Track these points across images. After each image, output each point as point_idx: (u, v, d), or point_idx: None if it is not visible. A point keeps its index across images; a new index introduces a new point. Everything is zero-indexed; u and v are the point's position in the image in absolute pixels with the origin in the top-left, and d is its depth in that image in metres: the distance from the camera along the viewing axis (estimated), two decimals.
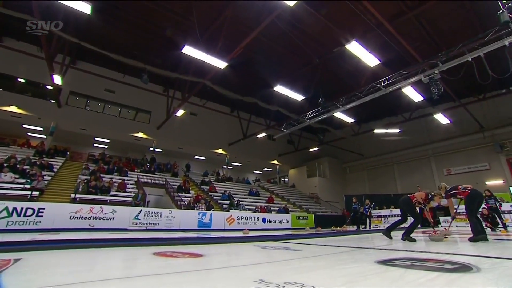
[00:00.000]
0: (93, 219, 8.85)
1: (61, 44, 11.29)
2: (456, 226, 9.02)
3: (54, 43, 10.76)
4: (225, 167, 23.71)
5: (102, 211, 9.04)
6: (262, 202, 18.15)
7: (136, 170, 16.25)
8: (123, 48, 13.11)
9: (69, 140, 17.90)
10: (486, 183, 16.44)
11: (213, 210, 13.50)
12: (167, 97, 17.23)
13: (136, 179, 14.56)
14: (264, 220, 14.45)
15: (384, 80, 10.14)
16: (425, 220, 6.06)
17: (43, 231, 7.37)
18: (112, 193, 11.50)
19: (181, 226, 11.09)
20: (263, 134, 19.95)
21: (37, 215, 7.99)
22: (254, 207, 16.13)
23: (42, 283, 1.57)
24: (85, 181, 11.19)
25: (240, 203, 15.91)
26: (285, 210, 16.87)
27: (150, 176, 15.75)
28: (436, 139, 19.20)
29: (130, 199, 11.50)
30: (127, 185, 13.02)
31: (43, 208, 8.19)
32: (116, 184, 12.36)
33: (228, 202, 15.85)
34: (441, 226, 11.22)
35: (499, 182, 16.08)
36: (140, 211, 10.17)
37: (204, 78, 12.59)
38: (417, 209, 5.39)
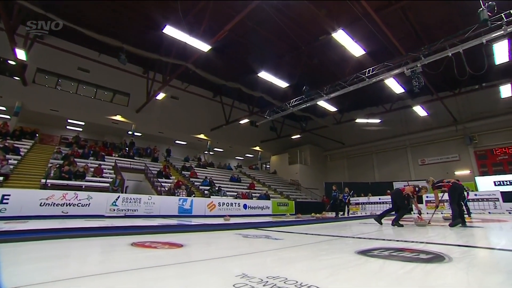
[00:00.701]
0: (66, 205, 8.45)
1: (24, 15, 10.16)
2: (442, 213, 9.72)
3: (16, 13, 9.69)
4: (206, 152, 23.47)
5: (76, 197, 8.64)
6: (243, 188, 18.27)
7: (113, 155, 15.65)
8: (98, 24, 12.21)
9: (38, 122, 16.68)
10: (455, 173, 17.57)
11: (194, 196, 13.40)
12: (147, 79, 16.45)
13: (113, 164, 14.03)
14: (245, 206, 14.60)
15: (368, 70, 10.25)
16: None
17: (9, 219, 6.88)
18: (87, 178, 11.02)
19: (161, 213, 10.93)
20: (246, 120, 19.82)
21: (1, 202, 7.45)
22: (236, 193, 16.21)
23: (5, 284, 1.40)
24: (58, 165, 10.58)
25: (222, 189, 15.91)
26: (266, 197, 17.12)
27: (129, 161, 15.24)
28: (413, 131, 20.04)
29: (107, 184, 11.09)
30: (104, 170, 12.54)
31: (9, 195, 7.65)
32: (92, 169, 11.84)
33: (209, 188, 15.79)
34: (414, 213, 11.99)
35: (466, 172, 17.24)
36: (118, 197, 9.87)
37: (186, 61, 12.09)
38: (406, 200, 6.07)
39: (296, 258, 2.26)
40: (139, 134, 19.58)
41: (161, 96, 15.58)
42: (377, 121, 18.65)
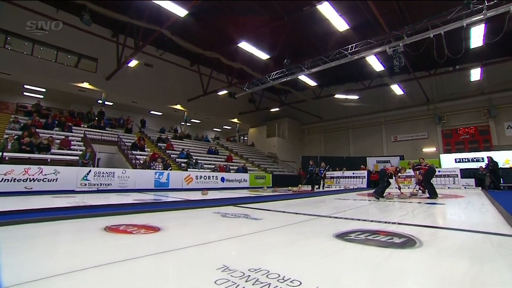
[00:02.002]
0: (30, 181, 7.87)
1: None
2: (408, 187, 10.60)
3: None
4: (183, 123, 22.82)
5: (41, 172, 8.06)
6: (221, 161, 18.28)
7: (82, 125, 14.65)
8: None
9: None
10: (423, 150, 18.81)
11: (171, 169, 13.18)
12: (117, 44, 15.00)
13: (82, 135, 13.17)
14: (223, 179, 14.69)
15: (351, 47, 10.09)
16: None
17: None
18: (53, 151, 10.27)
19: (136, 186, 10.68)
20: (224, 92, 19.24)
21: None
22: (213, 166, 16.18)
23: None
24: (16, 137, 9.67)
25: (199, 161, 15.76)
26: (244, 170, 17.31)
27: (100, 132, 14.35)
28: (389, 108, 20.73)
29: (77, 158, 10.45)
30: (72, 143, 11.76)
31: None
32: (58, 141, 11.03)
33: (186, 160, 15.57)
34: (394, 187, 13.10)
35: (432, 149, 18.50)
36: (89, 171, 9.39)
37: (161, 26, 11.10)
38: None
39: (276, 245, 2.26)
40: (110, 104, 18.35)
41: (133, 63, 14.45)
42: (355, 97, 18.97)
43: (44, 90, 16.09)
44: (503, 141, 16.03)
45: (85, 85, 15.48)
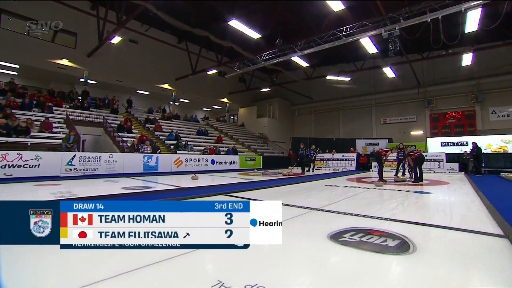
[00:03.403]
0: (9, 167, 7.46)
1: None
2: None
3: None
4: (171, 103, 22.18)
5: (21, 158, 7.65)
6: (211, 142, 18.10)
7: (64, 106, 13.90)
8: None
9: None
10: (411, 133, 19.17)
11: (159, 152, 12.93)
12: (97, 18, 13.89)
13: (65, 116, 12.55)
14: (213, 161, 14.61)
15: (346, 28, 9.74)
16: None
17: None
18: (33, 134, 9.75)
19: (124, 171, 10.44)
20: (214, 71, 18.61)
21: None
22: (203, 148, 16.00)
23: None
24: None
25: (188, 143, 15.52)
26: (234, 152, 17.23)
27: (84, 113, 13.72)
28: (380, 90, 20.67)
29: (59, 141, 10.00)
30: (54, 125, 11.19)
31: None
32: (37, 123, 10.46)
33: (175, 142, 15.30)
34: (372, 170, 13.27)
35: (420, 132, 18.88)
36: (74, 156, 9.03)
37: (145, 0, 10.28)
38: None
39: (271, 253, 2.22)
40: (94, 82, 17.43)
41: (117, 39, 13.55)
42: (347, 78, 18.76)
43: (17, 66, 14.94)
44: (487, 125, 16.48)
45: (64, 62, 14.49)
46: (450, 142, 15.13)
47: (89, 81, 16.28)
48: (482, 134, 15.37)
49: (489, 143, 13.96)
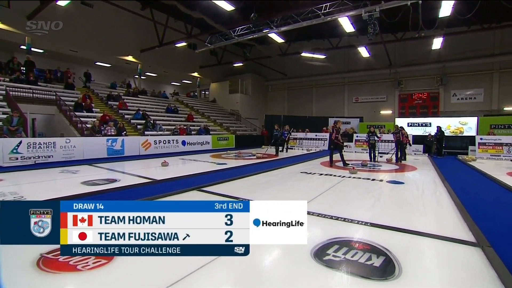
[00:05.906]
0: None
1: None
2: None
3: None
4: (137, 77, 20.39)
5: None
6: (181, 121, 17.24)
7: (2, 79, 11.94)
8: None
9: None
10: (381, 112, 19.84)
11: (125, 134, 11.98)
12: None
13: (4, 92, 10.80)
14: (184, 143, 13.98)
15: (325, 6, 9.20)
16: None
17: None
18: None
19: (85, 156, 9.51)
20: (183, 44, 17.15)
21: None
22: (173, 128, 15.17)
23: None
24: None
25: (157, 123, 14.57)
26: (206, 131, 16.64)
27: (30, 88, 11.87)
28: (353, 69, 20.71)
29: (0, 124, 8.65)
30: None
31: None
32: None
33: (143, 122, 14.27)
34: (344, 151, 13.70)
35: (389, 112, 19.63)
36: (20, 142, 7.89)
37: None
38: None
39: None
40: (40, 51, 15.17)
41: (64, 2, 11.58)
42: (322, 56, 18.42)
43: None
44: (448, 107, 17.56)
45: None
46: (416, 123, 15.93)
47: (33, 49, 14.08)
48: (444, 116, 16.38)
49: (449, 125, 14.93)
